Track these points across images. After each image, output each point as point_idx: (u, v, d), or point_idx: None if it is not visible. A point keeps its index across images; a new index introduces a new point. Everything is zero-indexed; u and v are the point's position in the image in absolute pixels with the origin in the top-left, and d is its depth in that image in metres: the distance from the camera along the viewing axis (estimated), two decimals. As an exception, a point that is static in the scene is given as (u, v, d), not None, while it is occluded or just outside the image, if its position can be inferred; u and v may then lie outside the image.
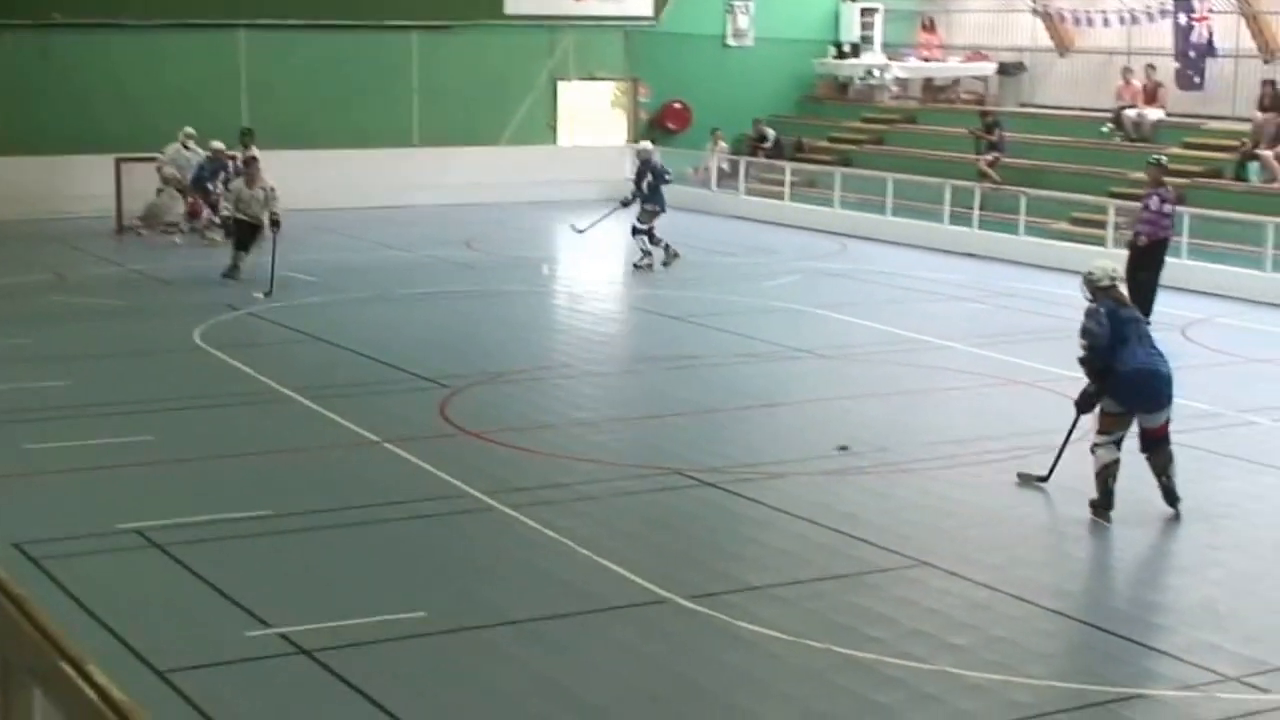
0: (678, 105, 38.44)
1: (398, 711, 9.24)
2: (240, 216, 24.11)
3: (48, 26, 32.13)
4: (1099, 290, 13.34)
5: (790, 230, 31.64)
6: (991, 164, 31.50)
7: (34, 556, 11.72)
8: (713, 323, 21.62)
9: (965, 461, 14.83)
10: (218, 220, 27.44)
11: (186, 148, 29.09)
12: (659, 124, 38.41)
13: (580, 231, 28.06)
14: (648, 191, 26.78)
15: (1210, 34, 31.71)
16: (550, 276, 26.83)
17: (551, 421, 16.20)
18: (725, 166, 35.58)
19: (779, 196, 33.73)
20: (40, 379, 17.76)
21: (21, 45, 32.15)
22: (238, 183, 24.60)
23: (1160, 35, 32.87)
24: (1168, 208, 21.48)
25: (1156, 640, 10.58)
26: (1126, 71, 32.86)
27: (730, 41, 39.25)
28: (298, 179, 29.50)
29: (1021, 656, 10.19)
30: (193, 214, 28.61)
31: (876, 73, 38.52)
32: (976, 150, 31.97)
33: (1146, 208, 21.65)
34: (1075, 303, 23.20)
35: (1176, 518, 13.05)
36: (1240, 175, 28.54)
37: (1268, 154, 28.06)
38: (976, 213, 29.46)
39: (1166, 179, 22.31)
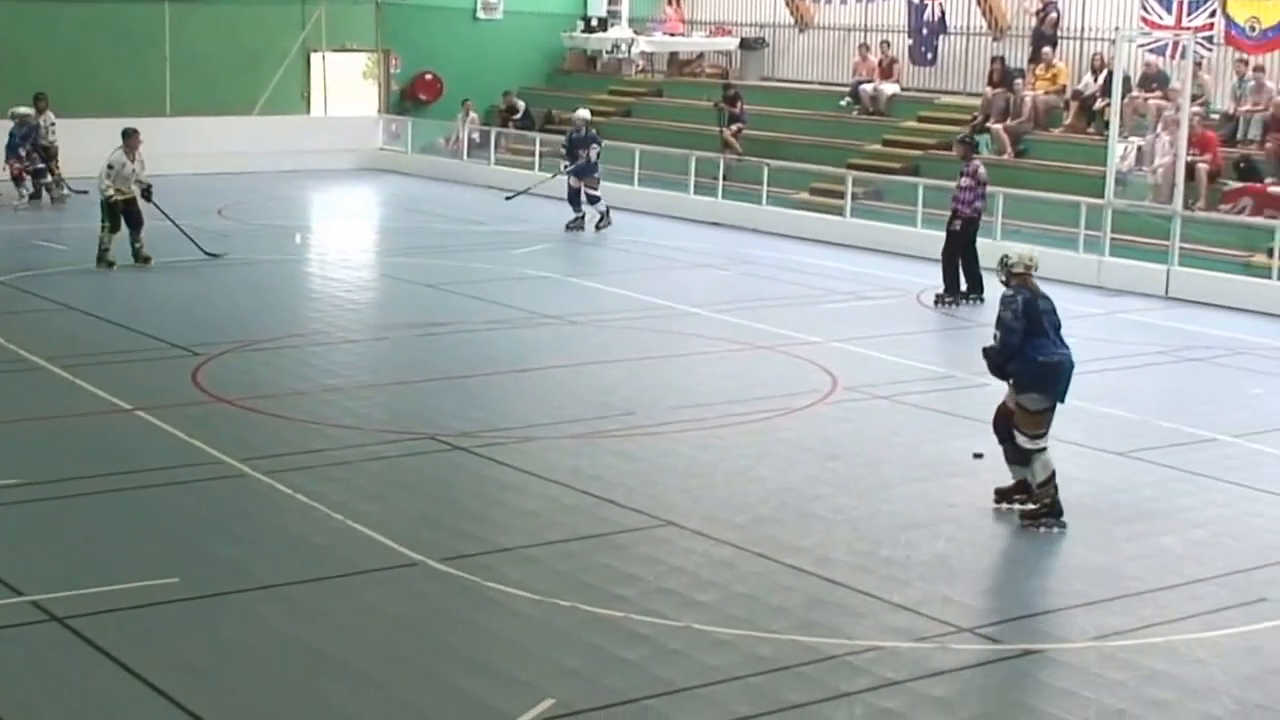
0: (429, 76, 38.54)
1: (151, 677, 9.30)
2: (116, 193, 22.75)
3: None
4: (1014, 275, 12.80)
5: (540, 200, 31.87)
6: (735, 134, 32.17)
7: None
8: (464, 290, 21.83)
9: (710, 424, 15.21)
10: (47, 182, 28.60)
11: None
12: (410, 95, 38.53)
13: (508, 199, 28.20)
14: (597, 160, 27.88)
15: (942, 12, 32.88)
16: (303, 245, 26.78)
17: (304, 388, 16.30)
18: (476, 137, 35.80)
19: (529, 166, 33.99)
20: None
21: None
22: (118, 155, 22.86)
23: (895, 13, 33.93)
24: (965, 181, 21.84)
25: (893, 594, 10.90)
26: (863, 48, 33.83)
27: (480, 14, 39.43)
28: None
29: (764, 612, 10.49)
30: (17, 179, 28.49)
31: (623, 46, 39.03)
32: (719, 122, 32.59)
33: (959, 187, 22.01)
34: (814, 269, 24.25)
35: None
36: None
37: (997, 127, 29.12)
38: (721, 183, 30.14)
39: (975, 155, 22.63)
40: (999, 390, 16.11)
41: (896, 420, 15.61)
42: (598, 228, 27.87)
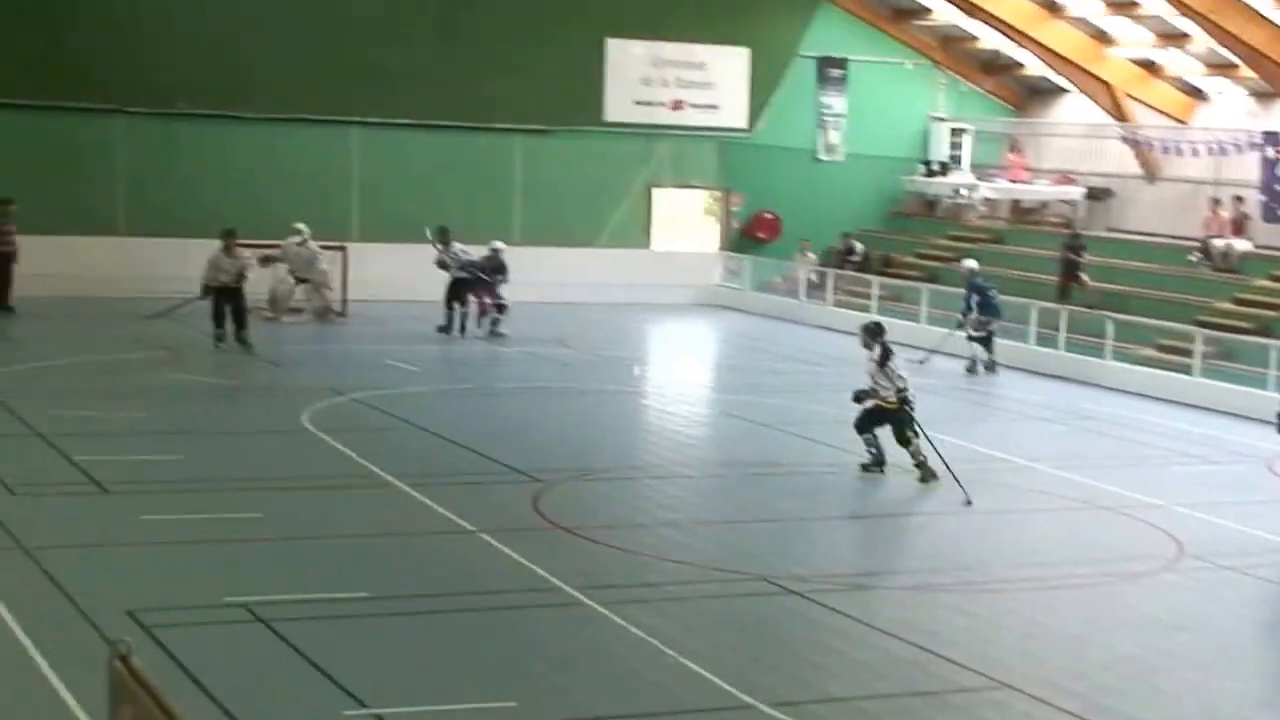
0: (768, 215, 39.05)
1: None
2: None
3: (172, 115, 33.28)
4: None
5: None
6: (1081, 281, 31.96)
7: (146, 625, 12.13)
8: (800, 431, 21.86)
9: (1049, 584, 14.93)
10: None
11: (302, 245, 29.99)
12: (749, 233, 39.02)
13: (920, 363, 27.98)
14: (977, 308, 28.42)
15: (1296, 168, 32.02)
16: (641, 377, 27.20)
17: (641, 521, 16.50)
18: (813, 277, 35.97)
19: (865, 309, 34.01)
20: (157, 453, 18.40)
21: (147, 132, 33.20)
22: None
23: (1247, 167, 33.19)
24: None
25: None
26: (1214, 202, 33.14)
27: (822, 156, 39.91)
28: (400, 272, 30.27)
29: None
30: (482, 311, 29.86)
31: (965, 192, 39.00)
32: (1064, 270, 32.33)
33: None
34: (1159, 429, 23.66)
35: None
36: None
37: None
38: (1063, 335, 29.68)
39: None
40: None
41: (1246, 594, 15.16)
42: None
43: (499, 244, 30.26)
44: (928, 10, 39.50)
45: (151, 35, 33.09)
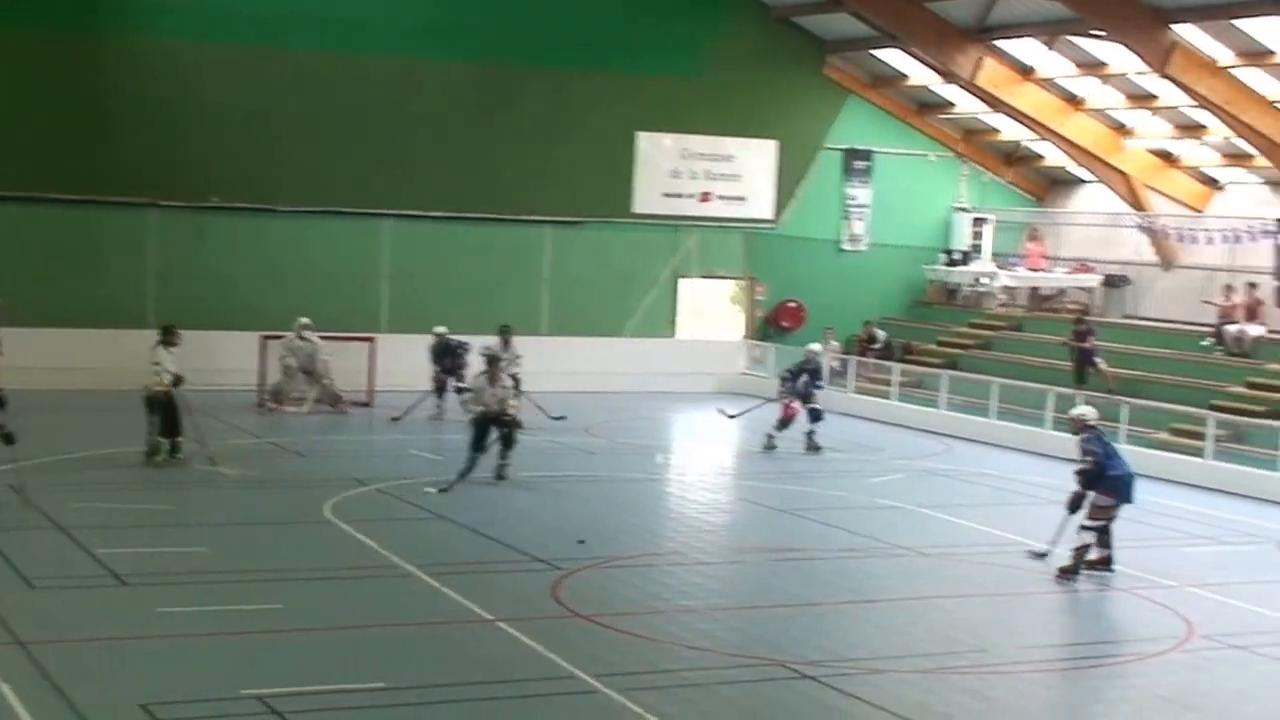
0: (792, 304, 39.40)
1: None
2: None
3: (204, 209, 33.81)
4: (1087, 427, 19.15)
5: (896, 429, 32.22)
6: (1098, 370, 32.08)
7: (160, 719, 12.31)
8: (818, 517, 22.07)
9: (1061, 666, 15.16)
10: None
11: (302, 338, 30.56)
12: (774, 322, 39.36)
13: (731, 417, 29.85)
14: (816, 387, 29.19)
15: (1309, 255, 32.23)
16: (664, 465, 27.43)
17: (659, 607, 16.65)
18: (836, 365, 36.20)
19: (886, 396, 34.39)
20: (179, 544, 18.66)
21: (178, 225, 33.71)
22: (479, 380, 24.22)
23: (1261, 254, 33.46)
24: None
25: None
26: (1228, 289, 33.35)
27: (845, 246, 40.33)
28: (427, 363, 30.60)
29: None
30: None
31: (985, 280, 39.34)
32: (1077, 356, 32.56)
33: None
34: (1172, 511, 23.81)
35: None
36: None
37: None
38: (1078, 419, 29.85)
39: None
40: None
41: (1255, 673, 15.24)
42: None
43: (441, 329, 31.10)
44: (951, 104, 39.92)
45: (185, 130, 33.59)
